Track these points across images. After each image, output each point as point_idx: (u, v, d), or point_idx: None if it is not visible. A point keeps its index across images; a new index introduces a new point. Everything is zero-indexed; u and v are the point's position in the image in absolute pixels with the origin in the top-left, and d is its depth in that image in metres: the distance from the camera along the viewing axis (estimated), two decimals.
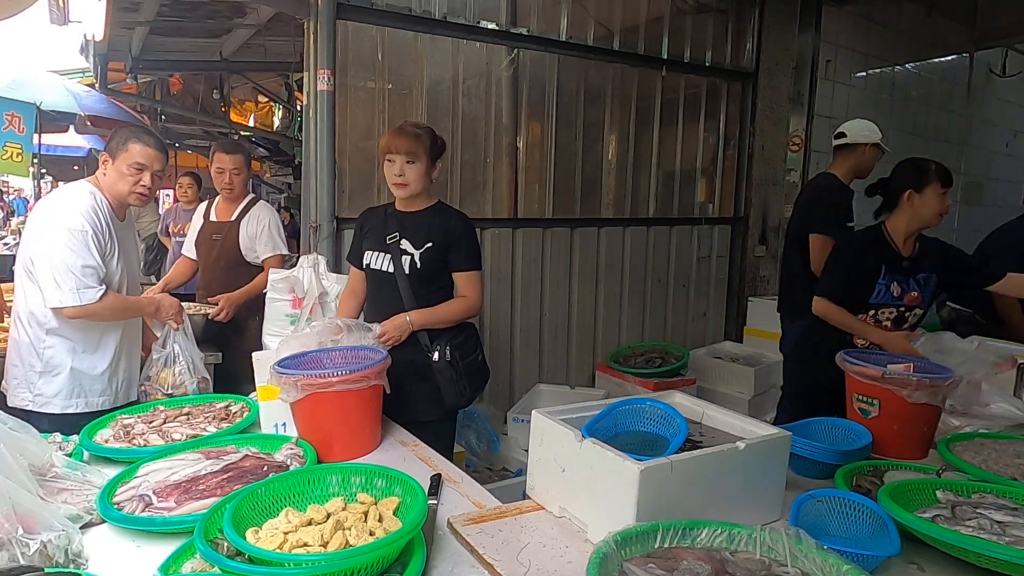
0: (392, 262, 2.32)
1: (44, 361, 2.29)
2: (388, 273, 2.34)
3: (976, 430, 1.93)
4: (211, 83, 7.96)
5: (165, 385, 2.45)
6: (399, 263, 2.31)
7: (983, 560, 1.20)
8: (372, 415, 1.88)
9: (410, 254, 2.30)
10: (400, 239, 2.32)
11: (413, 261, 2.30)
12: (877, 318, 2.50)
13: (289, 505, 1.32)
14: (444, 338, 2.32)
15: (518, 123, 4.16)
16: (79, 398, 2.32)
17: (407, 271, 2.30)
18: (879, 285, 2.48)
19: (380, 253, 2.37)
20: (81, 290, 2.17)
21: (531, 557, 1.29)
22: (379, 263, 2.37)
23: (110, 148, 2.33)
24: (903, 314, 2.51)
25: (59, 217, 2.22)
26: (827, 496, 1.43)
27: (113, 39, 5.70)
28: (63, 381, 2.29)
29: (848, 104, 5.31)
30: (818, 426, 1.93)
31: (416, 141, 2.27)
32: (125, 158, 2.29)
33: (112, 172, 2.31)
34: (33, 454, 1.44)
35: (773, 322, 4.26)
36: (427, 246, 2.30)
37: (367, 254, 2.42)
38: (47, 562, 1.17)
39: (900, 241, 2.50)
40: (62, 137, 8.89)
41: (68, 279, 2.16)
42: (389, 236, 2.34)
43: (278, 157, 9.49)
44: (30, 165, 5.92)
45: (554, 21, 4.17)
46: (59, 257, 2.16)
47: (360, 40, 3.55)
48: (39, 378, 2.28)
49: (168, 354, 2.49)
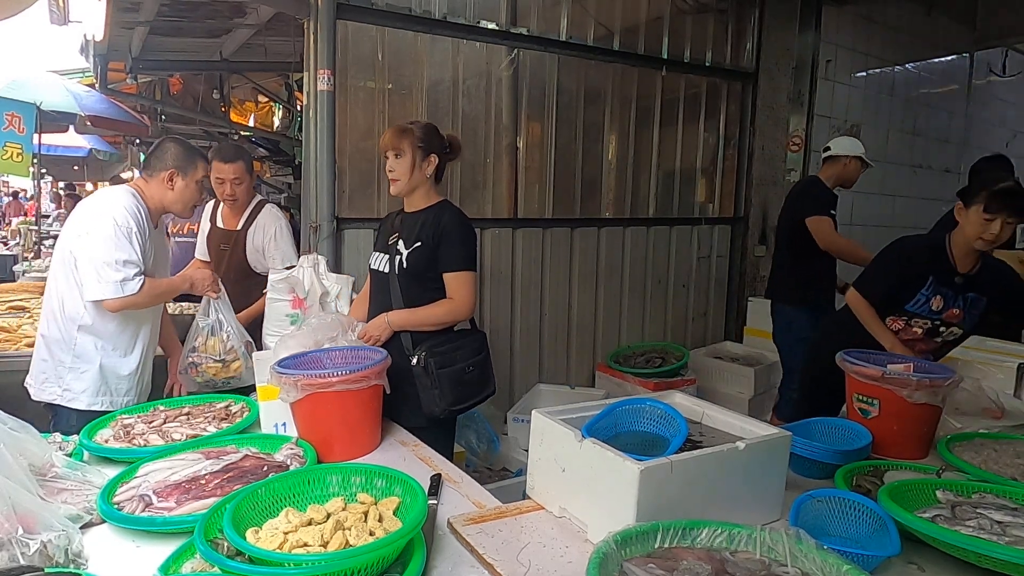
0: (388, 262, 2.33)
1: (74, 356, 2.31)
2: (384, 273, 2.34)
3: (976, 430, 1.93)
4: (211, 83, 7.95)
5: (216, 352, 2.51)
6: (392, 263, 2.31)
7: (983, 560, 1.20)
8: (372, 415, 1.88)
9: (400, 253, 2.29)
10: (398, 239, 2.33)
11: (401, 261, 2.28)
12: (910, 325, 2.41)
13: (289, 505, 1.32)
14: (426, 343, 2.23)
15: (518, 123, 4.16)
16: (105, 396, 2.34)
17: (396, 271, 2.29)
18: (921, 295, 2.36)
19: (381, 254, 2.38)
20: (123, 282, 2.20)
21: (531, 557, 1.29)
22: (377, 263, 2.38)
23: (176, 165, 2.40)
24: (937, 327, 2.40)
25: (103, 213, 2.25)
26: (827, 496, 1.43)
27: (113, 39, 5.69)
28: (92, 378, 2.31)
29: (848, 104, 5.31)
30: (818, 426, 1.93)
31: (401, 135, 2.27)
32: (195, 174, 2.42)
33: (182, 189, 2.41)
34: (33, 454, 1.44)
35: None
36: (416, 245, 2.27)
37: (372, 255, 2.44)
38: (47, 562, 1.17)
39: (959, 255, 2.33)
40: (62, 137, 8.89)
41: (110, 272, 2.19)
42: (391, 237, 2.35)
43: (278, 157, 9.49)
44: (30, 165, 5.91)
45: (554, 21, 4.17)
46: (103, 250, 2.20)
47: (360, 40, 3.55)
48: (68, 372, 2.31)
49: (213, 323, 2.54)
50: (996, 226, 2.19)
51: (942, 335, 2.43)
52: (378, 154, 3.66)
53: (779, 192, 5.08)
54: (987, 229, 2.21)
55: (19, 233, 8.36)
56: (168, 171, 2.37)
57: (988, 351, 3.00)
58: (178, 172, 2.38)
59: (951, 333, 2.43)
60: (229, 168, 3.13)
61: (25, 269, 5.63)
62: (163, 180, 2.38)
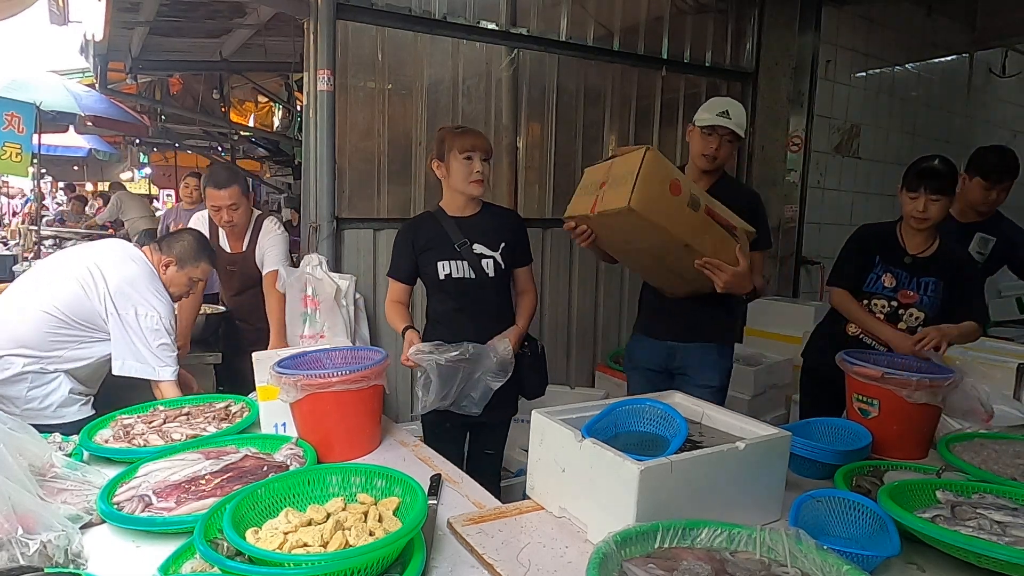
0: (470, 267, 2.36)
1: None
2: (470, 280, 2.36)
3: (976, 430, 1.93)
4: (211, 83, 7.96)
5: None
6: (478, 267, 2.36)
7: (983, 560, 1.20)
8: (372, 415, 1.88)
9: (489, 257, 2.38)
10: (468, 243, 2.35)
11: (496, 263, 2.38)
12: (871, 308, 2.50)
13: (289, 505, 1.32)
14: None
15: (518, 123, 4.16)
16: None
17: (494, 274, 2.38)
18: (872, 274, 2.51)
19: (453, 261, 2.36)
20: (161, 369, 2.31)
21: (531, 557, 1.29)
22: (457, 271, 2.36)
23: (176, 254, 2.48)
24: (897, 311, 2.48)
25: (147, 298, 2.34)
26: (827, 496, 1.43)
27: (113, 39, 5.69)
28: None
29: (848, 104, 5.31)
30: (818, 426, 1.93)
31: (487, 140, 2.38)
32: (189, 272, 2.50)
33: (175, 276, 2.49)
34: (33, 454, 1.44)
35: (773, 322, 4.26)
36: (503, 246, 2.41)
37: (439, 265, 2.35)
38: (47, 562, 1.17)
39: (907, 236, 2.48)
40: (62, 137, 8.89)
41: (151, 357, 2.30)
42: (459, 242, 2.35)
43: (278, 157, 9.49)
44: (30, 165, 5.91)
45: (554, 21, 4.17)
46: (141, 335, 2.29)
47: (360, 40, 3.55)
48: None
49: None
50: (920, 203, 2.35)
51: (904, 319, 2.48)
52: (378, 154, 3.68)
53: (779, 192, 5.08)
54: (913, 207, 2.38)
55: (19, 233, 8.36)
56: (169, 259, 2.48)
57: (988, 351, 2.99)
58: (176, 262, 2.47)
59: (912, 316, 2.47)
60: (223, 194, 3.03)
61: (25, 269, 5.64)
62: (160, 263, 2.46)
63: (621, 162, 2.02)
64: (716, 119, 2.40)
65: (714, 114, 2.41)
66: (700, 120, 2.46)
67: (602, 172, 2.11)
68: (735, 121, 2.41)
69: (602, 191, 2.04)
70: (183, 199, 5.70)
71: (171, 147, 11.61)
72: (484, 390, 2.25)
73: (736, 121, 2.42)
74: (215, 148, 11.46)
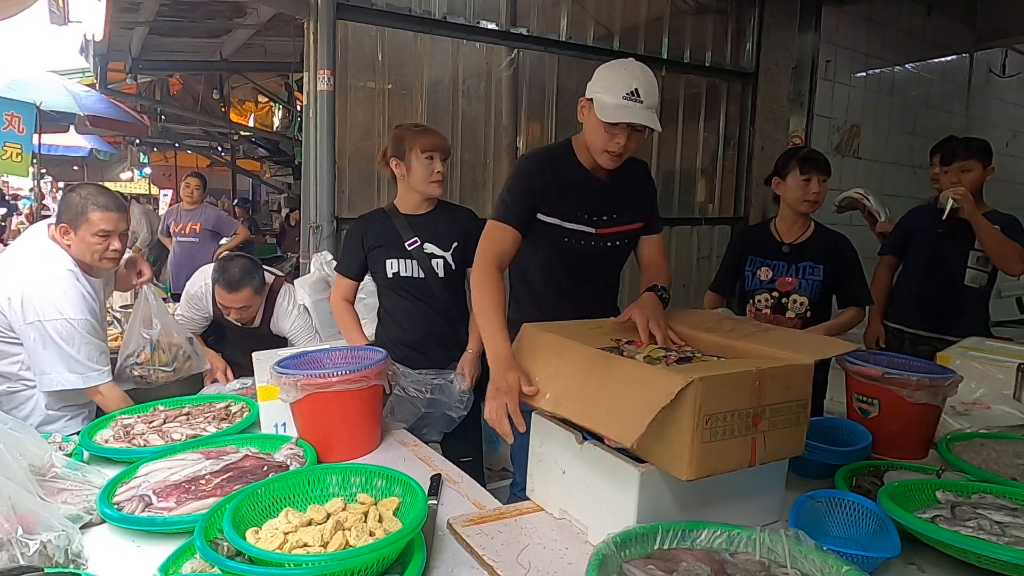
0: (419, 267, 2.34)
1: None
2: (418, 279, 2.35)
3: (976, 430, 1.93)
4: (211, 83, 7.97)
5: (165, 362, 2.44)
6: (428, 267, 2.33)
7: (983, 561, 1.20)
8: (372, 415, 1.88)
9: (439, 257, 2.34)
10: (419, 243, 2.33)
11: (446, 263, 2.34)
12: (757, 306, 2.54)
13: (289, 505, 1.32)
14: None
15: (518, 123, 4.17)
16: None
17: (442, 274, 2.35)
18: (747, 272, 2.58)
19: (400, 260, 2.37)
20: (87, 374, 2.15)
21: (531, 558, 1.29)
22: (405, 270, 2.36)
23: (67, 219, 2.17)
24: (779, 300, 2.50)
25: (51, 307, 2.11)
26: (827, 497, 1.43)
27: (113, 39, 5.70)
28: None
29: (848, 104, 5.31)
30: (818, 426, 1.93)
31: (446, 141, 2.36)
32: (88, 228, 2.15)
33: (77, 243, 2.18)
34: (33, 454, 1.44)
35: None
36: (455, 246, 2.35)
37: (387, 263, 2.36)
38: (47, 562, 1.17)
39: (783, 228, 2.56)
40: (62, 137, 8.89)
41: (79, 366, 2.13)
42: (408, 241, 2.34)
43: (278, 157, 9.51)
44: (30, 165, 5.91)
45: (554, 21, 4.17)
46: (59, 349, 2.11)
47: (360, 40, 3.55)
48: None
49: (157, 335, 2.44)
50: (815, 184, 2.45)
51: (789, 307, 2.51)
52: (378, 154, 3.68)
53: None
54: (808, 189, 2.45)
55: (19, 234, 8.35)
56: (61, 228, 2.18)
57: (988, 351, 2.99)
58: (69, 226, 2.17)
59: (796, 303, 2.50)
60: (235, 298, 2.66)
61: None
62: (59, 235, 2.20)
63: (638, 376, 1.29)
64: (624, 108, 1.74)
65: (620, 96, 1.73)
66: (602, 107, 1.76)
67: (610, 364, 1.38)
68: (647, 103, 1.75)
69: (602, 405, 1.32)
70: (184, 199, 5.70)
71: (171, 147, 11.63)
72: (446, 421, 2.26)
73: (648, 103, 1.75)
74: (215, 148, 11.48)
